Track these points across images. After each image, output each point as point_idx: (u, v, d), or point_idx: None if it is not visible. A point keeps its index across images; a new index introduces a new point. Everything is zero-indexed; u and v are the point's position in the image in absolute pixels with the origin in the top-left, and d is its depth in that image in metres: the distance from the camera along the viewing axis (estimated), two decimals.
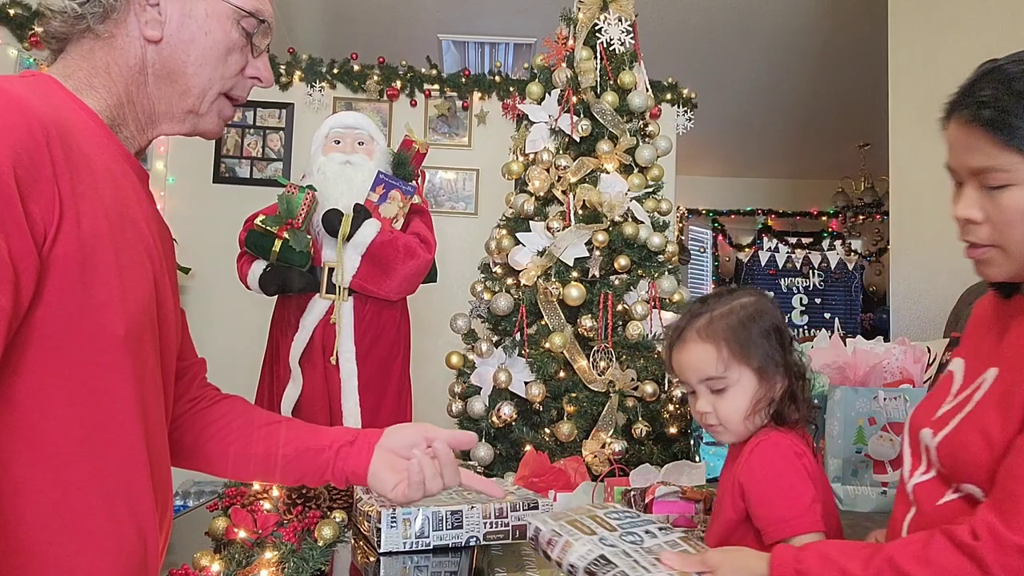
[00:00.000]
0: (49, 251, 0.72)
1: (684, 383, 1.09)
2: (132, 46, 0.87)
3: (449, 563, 1.05)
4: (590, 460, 1.78)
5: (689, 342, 1.05)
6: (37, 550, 0.74)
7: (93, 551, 0.78)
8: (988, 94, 0.80)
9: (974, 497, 0.80)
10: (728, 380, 1.03)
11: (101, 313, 0.77)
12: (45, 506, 0.74)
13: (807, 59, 5.01)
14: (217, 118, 0.96)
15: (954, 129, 0.85)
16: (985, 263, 0.85)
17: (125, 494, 0.81)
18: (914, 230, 3.15)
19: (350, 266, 2.30)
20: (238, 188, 4.06)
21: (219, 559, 1.00)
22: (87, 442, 0.77)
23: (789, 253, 7.44)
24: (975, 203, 0.83)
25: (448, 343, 2.30)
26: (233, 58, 0.93)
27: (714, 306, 1.07)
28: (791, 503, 0.96)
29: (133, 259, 0.83)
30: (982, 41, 2.84)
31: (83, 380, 0.76)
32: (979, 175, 0.82)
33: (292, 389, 2.31)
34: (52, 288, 0.73)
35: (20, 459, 0.73)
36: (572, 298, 1.91)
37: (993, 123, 0.79)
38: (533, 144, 2.11)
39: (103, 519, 0.79)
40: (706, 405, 1.04)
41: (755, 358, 1.03)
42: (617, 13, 2.12)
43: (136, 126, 0.90)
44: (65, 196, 0.73)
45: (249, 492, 1.27)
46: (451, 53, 5.07)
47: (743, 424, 1.04)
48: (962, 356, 0.95)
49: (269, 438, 1.01)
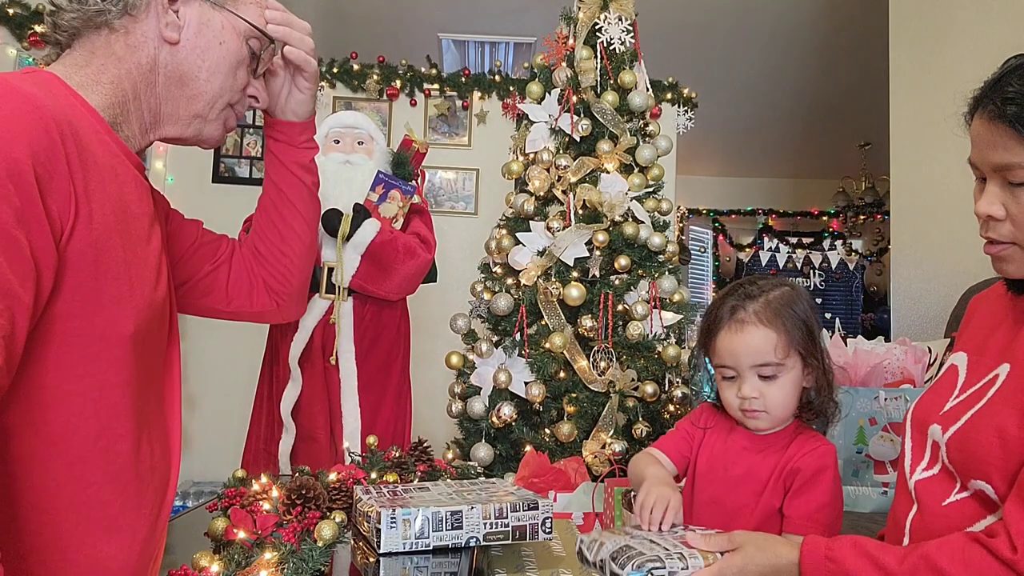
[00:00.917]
0: (66, 246, 0.73)
1: (729, 367, 1.06)
2: (147, 45, 0.88)
3: (449, 563, 1.05)
4: (590, 460, 1.78)
5: (748, 324, 1.04)
6: (61, 544, 0.76)
7: (109, 540, 0.80)
8: (1014, 90, 0.79)
9: (985, 495, 0.79)
10: (784, 367, 1.04)
11: (112, 308, 0.79)
12: (65, 500, 0.76)
13: (808, 59, 5.00)
14: (222, 127, 0.99)
15: (978, 124, 0.84)
16: (1004, 259, 0.85)
17: (135, 484, 0.83)
18: (915, 230, 3.14)
19: (350, 266, 2.29)
20: (238, 188, 4.06)
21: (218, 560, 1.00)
22: (102, 438, 0.79)
23: (790, 253, 7.44)
24: (997, 199, 0.83)
25: (448, 343, 2.29)
26: (240, 73, 0.97)
27: (765, 290, 1.06)
28: (833, 508, 1.01)
29: (138, 254, 0.84)
30: (983, 41, 2.83)
31: (95, 376, 0.78)
32: (1002, 171, 0.81)
33: (292, 389, 2.31)
34: (69, 283, 0.74)
35: (44, 455, 0.74)
36: (572, 298, 1.91)
37: (1019, 119, 0.78)
38: (533, 144, 2.10)
39: (116, 509, 0.81)
40: (754, 390, 1.04)
41: (803, 346, 1.04)
42: (617, 12, 2.11)
43: (139, 125, 0.91)
44: (79, 192, 0.74)
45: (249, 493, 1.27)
46: (451, 52, 5.07)
47: (786, 412, 1.05)
48: (964, 350, 0.94)
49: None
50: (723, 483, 1.08)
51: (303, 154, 1.14)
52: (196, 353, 3.97)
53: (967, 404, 0.85)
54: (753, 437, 1.09)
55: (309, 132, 1.15)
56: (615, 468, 1.66)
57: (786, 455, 1.03)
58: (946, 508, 0.83)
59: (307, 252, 1.17)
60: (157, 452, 0.89)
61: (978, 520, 0.80)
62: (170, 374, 0.99)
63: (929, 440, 0.89)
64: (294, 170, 1.13)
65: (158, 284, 0.89)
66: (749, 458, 1.07)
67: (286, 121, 1.11)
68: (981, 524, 0.80)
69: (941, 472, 0.86)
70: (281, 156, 1.13)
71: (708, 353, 1.11)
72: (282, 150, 1.13)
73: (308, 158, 1.15)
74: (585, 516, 1.38)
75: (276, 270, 1.15)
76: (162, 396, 0.96)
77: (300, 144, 1.13)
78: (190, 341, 3.98)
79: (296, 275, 1.16)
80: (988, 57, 0.86)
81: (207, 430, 3.89)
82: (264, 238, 1.15)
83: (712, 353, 1.09)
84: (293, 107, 1.11)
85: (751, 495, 1.04)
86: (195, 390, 3.96)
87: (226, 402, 3.74)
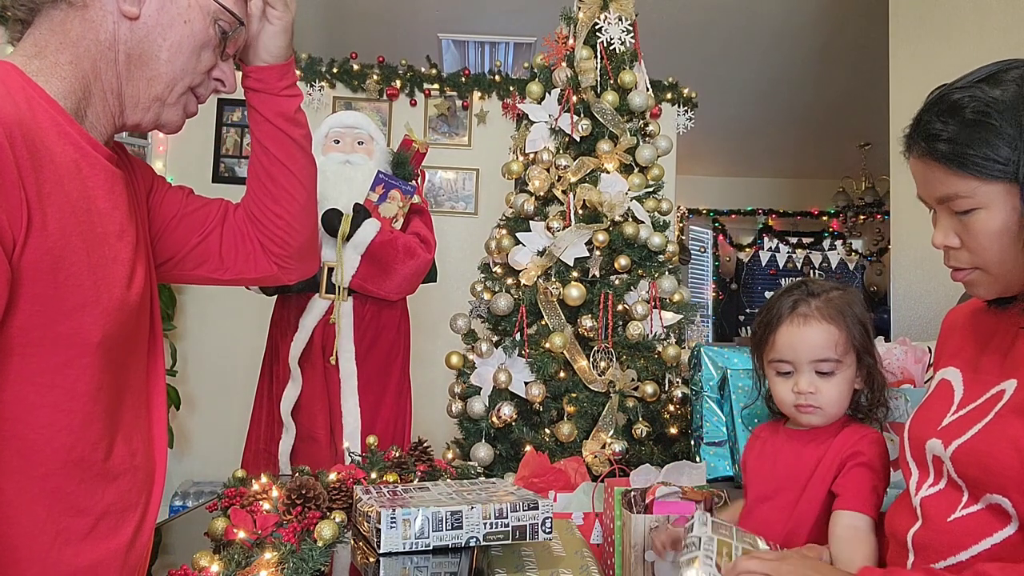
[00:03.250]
0: (20, 257, 0.70)
1: (787, 361, 1.08)
2: (106, 19, 0.83)
3: (449, 563, 1.05)
4: (590, 460, 1.78)
5: (811, 319, 1.06)
6: (36, 559, 0.74)
7: (91, 546, 0.78)
8: (939, 127, 0.81)
9: (1002, 508, 0.78)
10: (842, 364, 1.06)
11: (77, 316, 0.76)
12: (38, 515, 0.74)
13: (808, 59, 5.00)
14: (182, 111, 0.94)
15: (914, 163, 0.86)
16: (972, 284, 0.87)
17: (113, 488, 0.81)
18: (915, 230, 3.14)
19: (350, 266, 2.29)
20: (237, 188, 4.02)
21: (218, 560, 1.00)
22: (76, 448, 0.77)
23: (790, 253, 7.44)
24: (950, 229, 0.85)
25: (448, 343, 2.29)
26: (206, 54, 0.91)
27: (826, 289, 1.09)
28: (883, 489, 1.03)
29: (106, 254, 0.81)
30: (982, 41, 2.83)
31: (64, 385, 0.75)
32: (946, 203, 0.83)
33: (292, 389, 2.31)
34: (26, 295, 0.71)
35: (9, 471, 0.72)
36: (572, 298, 1.91)
37: (947, 156, 0.80)
38: (533, 144, 2.10)
39: (95, 516, 0.79)
40: (810, 385, 1.05)
41: (860, 346, 1.07)
42: (617, 12, 2.11)
43: (104, 109, 0.86)
44: (32, 200, 0.71)
45: (249, 493, 1.27)
46: (451, 52, 5.06)
47: (839, 410, 1.07)
48: (954, 365, 0.94)
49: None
50: (770, 477, 1.10)
51: (285, 103, 1.03)
52: (196, 353, 3.97)
53: (971, 419, 0.85)
54: (799, 432, 1.10)
55: (289, 77, 1.04)
56: (615, 468, 1.66)
57: (836, 442, 1.05)
58: (952, 523, 0.82)
59: (302, 211, 1.08)
60: (139, 452, 0.87)
61: (988, 534, 0.79)
62: (154, 370, 0.95)
63: (928, 455, 0.88)
64: (278, 123, 1.03)
65: (132, 281, 0.85)
66: (795, 449, 1.09)
67: (261, 66, 1.01)
68: (992, 539, 0.79)
69: (947, 487, 0.85)
70: (261, 108, 1.03)
71: (763, 348, 1.12)
72: (261, 101, 1.03)
73: (292, 108, 1.04)
74: (585, 516, 1.38)
75: (273, 233, 1.07)
76: (147, 393, 0.93)
77: (280, 92, 1.03)
78: (190, 341, 3.98)
79: (295, 236, 1.08)
80: (988, 57, 0.86)
81: (207, 430, 3.89)
82: (256, 200, 1.07)
83: (769, 348, 1.10)
84: (265, 44, 1.00)
85: (797, 483, 1.05)
86: (195, 390, 3.96)
87: (226, 402, 3.74)
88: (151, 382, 0.94)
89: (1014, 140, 0.77)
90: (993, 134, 0.78)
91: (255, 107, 1.04)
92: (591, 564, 1.10)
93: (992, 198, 0.79)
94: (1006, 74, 0.81)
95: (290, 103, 1.04)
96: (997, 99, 0.78)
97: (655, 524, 1.11)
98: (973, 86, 0.81)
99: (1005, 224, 0.79)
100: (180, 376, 3.88)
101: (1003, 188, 0.78)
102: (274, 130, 1.03)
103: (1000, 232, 0.80)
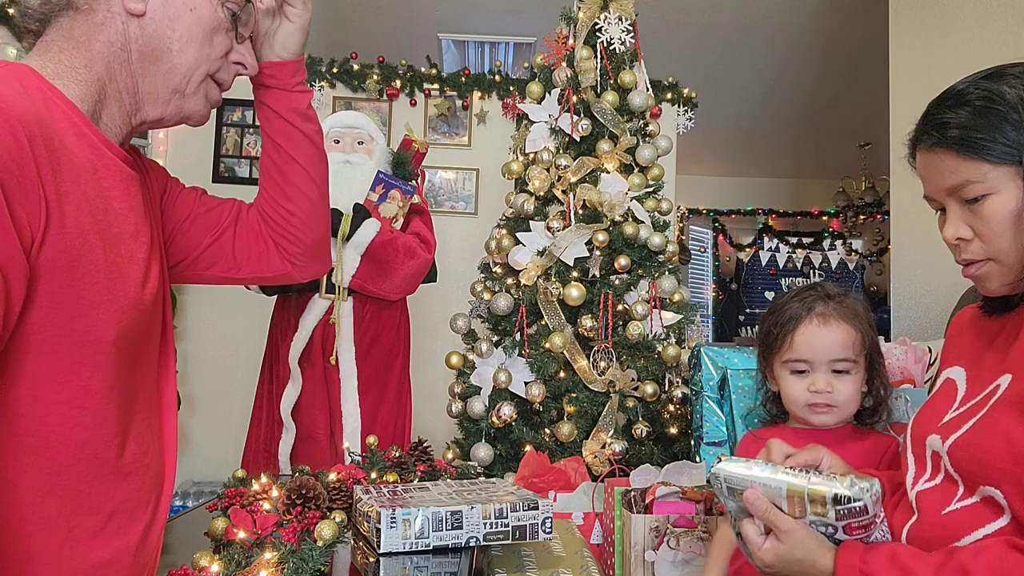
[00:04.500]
0: (37, 254, 0.70)
1: (804, 360, 1.09)
2: (113, 21, 0.83)
3: (449, 563, 1.05)
4: (590, 460, 1.78)
5: (832, 319, 1.08)
6: (48, 555, 0.74)
7: (102, 545, 0.78)
8: (949, 116, 0.83)
9: (995, 500, 0.79)
10: (857, 364, 1.08)
11: (92, 314, 0.76)
12: (51, 511, 0.74)
13: (808, 59, 5.00)
14: (204, 100, 0.94)
15: (922, 159, 0.88)
16: (983, 278, 0.87)
17: (125, 486, 0.82)
18: (915, 230, 3.14)
19: (350, 266, 2.29)
20: (237, 188, 4.06)
21: (218, 560, 1.00)
22: (89, 445, 0.77)
23: (790, 253, 7.44)
24: (960, 221, 0.86)
25: (448, 343, 2.30)
26: (219, 39, 0.91)
27: (840, 292, 1.12)
28: None
29: (121, 253, 0.81)
30: (982, 41, 2.83)
31: (79, 382, 0.75)
32: (956, 192, 0.85)
33: (291, 389, 2.31)
34: (43, 292, 0.71)
35: (23, 468, 0.72)
36: (572, 298, 1.91)
37: (957, 141, 0.82)
38: (533, 144, 2.10)
39: (106, 514, 0.80)
40: (827, 384, 1.07)
41: (872, 349, 1.10)
42: (617, 12, 2.11)
43: (119, 109, 0.87)
44: (50, 197, 0.71)
45: (249, 493, 1.27)
46: (451, 52, 5.06)
47: (852, 409, 1.09)
48: (960, 365, 0.95)
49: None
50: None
51: (298, 99, 1.04)
52: (196, 353, 3.97)
53: (969, 414, 0.85)
54: (806, 431, 1.11)
55: (301, 74, 1.05)
56: (615, 468, 1.66)
57: (843, 448, 1.02)
58: (945, 517, 0.83)
59: (314, 209, 1.09)
60: (149, 450, 0.88)
61: (980, 525, 0.80)
62: (165, 370, 0.96)
63: (928, 451, 0.89)
64: (291, 119, 1.04)
65: (147, 281, 0.86)
66: (801, 447, 1.08)
67: (276, 61, 1.02)
68: (984, 530, 0.79)
69: (944, 482, 0.86)
70: (274, 104, 1.03)
71: (777, 349, 1.12)
72: (275, 98, 1.03)
73: (304, 103, 1.05)
74: (585, 516, 1.38)
75: (285, 231, 1.07)
76: (157, 392, 0.93)
77: (293, 88, 1.04)
78: (190, 341, 3.98)
79: (308, 233, 1.09)
80: (988, 57, 0.87)
81: (207, 430, 3.89)
82: (268, 198, 1.07)
83: (786, 348, 1.11)
84: (282, 41, 1.01)
85: None
86: (195, 390, 3.96)
87: (226, 402, 3.74)
88: (162, 382, 0.95)
89: (1019, 124, 0.80)
90: (1000, 119, 0.80)
91: (267, 103, 1.04)
92: (591, 564, 1.10)
93: (1003, 182, 0.81)
94: (1007, 70, 0.84)
95: (302, 99, 1.05)
96: (1002, 90, 0.82)
97: (656, 524, 1.11)
98: (977, 81, 0.85)
99: (1017, 208, 0.81)
100: (180, 376, 3.88)
101: (1012, 171, 0.81)
102: (287, 126, 1.04)
103: (1013, 216, 0.81)
